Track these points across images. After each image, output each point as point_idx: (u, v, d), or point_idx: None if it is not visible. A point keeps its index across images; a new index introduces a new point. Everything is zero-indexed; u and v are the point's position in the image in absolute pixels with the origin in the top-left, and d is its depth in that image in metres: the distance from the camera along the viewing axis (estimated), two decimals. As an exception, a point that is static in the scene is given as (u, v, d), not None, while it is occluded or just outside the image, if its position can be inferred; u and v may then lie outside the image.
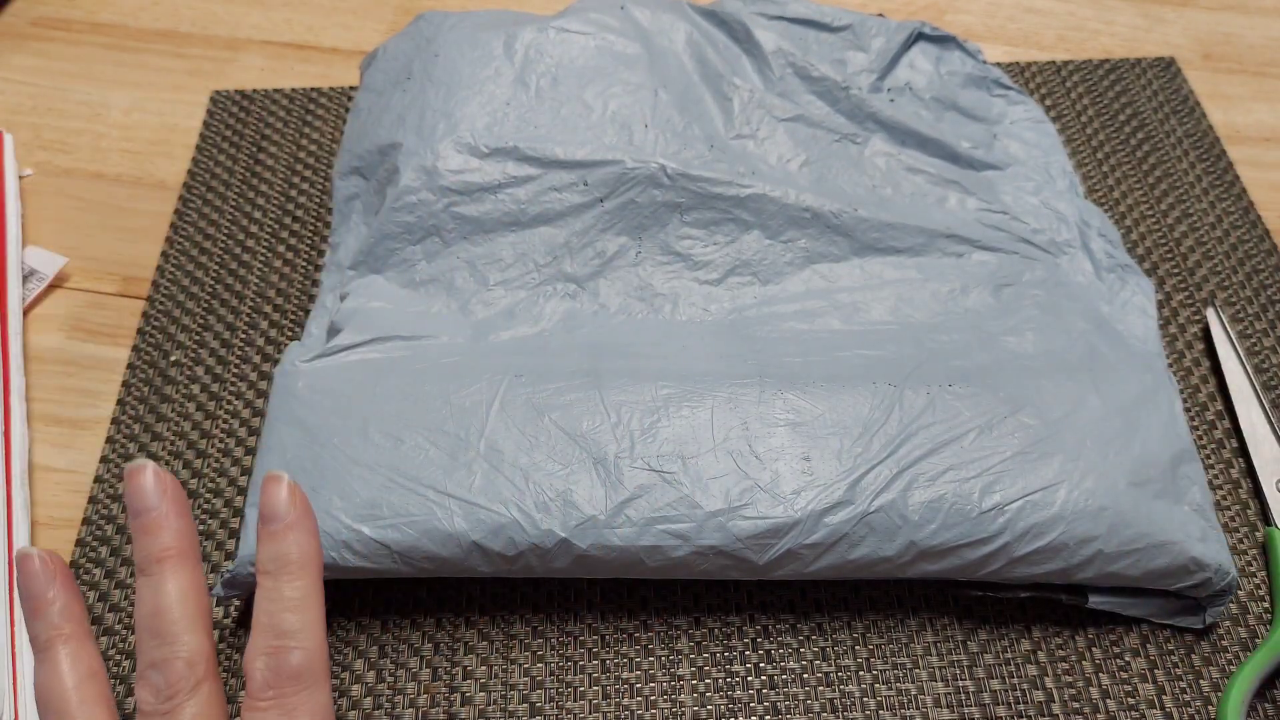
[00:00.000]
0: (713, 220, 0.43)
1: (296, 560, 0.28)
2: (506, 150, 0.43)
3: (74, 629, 0.28)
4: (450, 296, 0.42)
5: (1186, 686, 0.36)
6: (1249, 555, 0.39)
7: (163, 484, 0.28)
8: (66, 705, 0.27)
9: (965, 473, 0.34)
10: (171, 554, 0.28)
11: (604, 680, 0.36)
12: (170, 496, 0.28)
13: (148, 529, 0.28)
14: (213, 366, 0.44)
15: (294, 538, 0.28)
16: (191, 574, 0.28)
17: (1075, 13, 0.59)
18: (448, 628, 0.37)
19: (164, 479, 0.29)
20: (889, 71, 0.49)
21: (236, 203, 0.50)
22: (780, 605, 0.38)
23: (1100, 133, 0.53)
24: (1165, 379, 0.38)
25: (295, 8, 0.59)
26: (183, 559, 0.28)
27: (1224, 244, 0.48)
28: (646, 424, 0.35)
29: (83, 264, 0.48)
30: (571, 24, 0.47)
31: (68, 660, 0.28)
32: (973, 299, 0.42)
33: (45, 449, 0.42)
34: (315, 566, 0.28)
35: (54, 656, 0.28)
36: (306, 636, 0.27)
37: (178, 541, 0.28)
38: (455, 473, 0.34)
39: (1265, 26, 0.58)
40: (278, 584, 0.28)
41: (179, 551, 0.28)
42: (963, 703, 0.36)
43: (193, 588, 0.28)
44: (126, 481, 0.29)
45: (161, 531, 0.28)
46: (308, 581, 0.28)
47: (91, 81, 0.55)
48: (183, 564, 0.28)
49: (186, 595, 0.27)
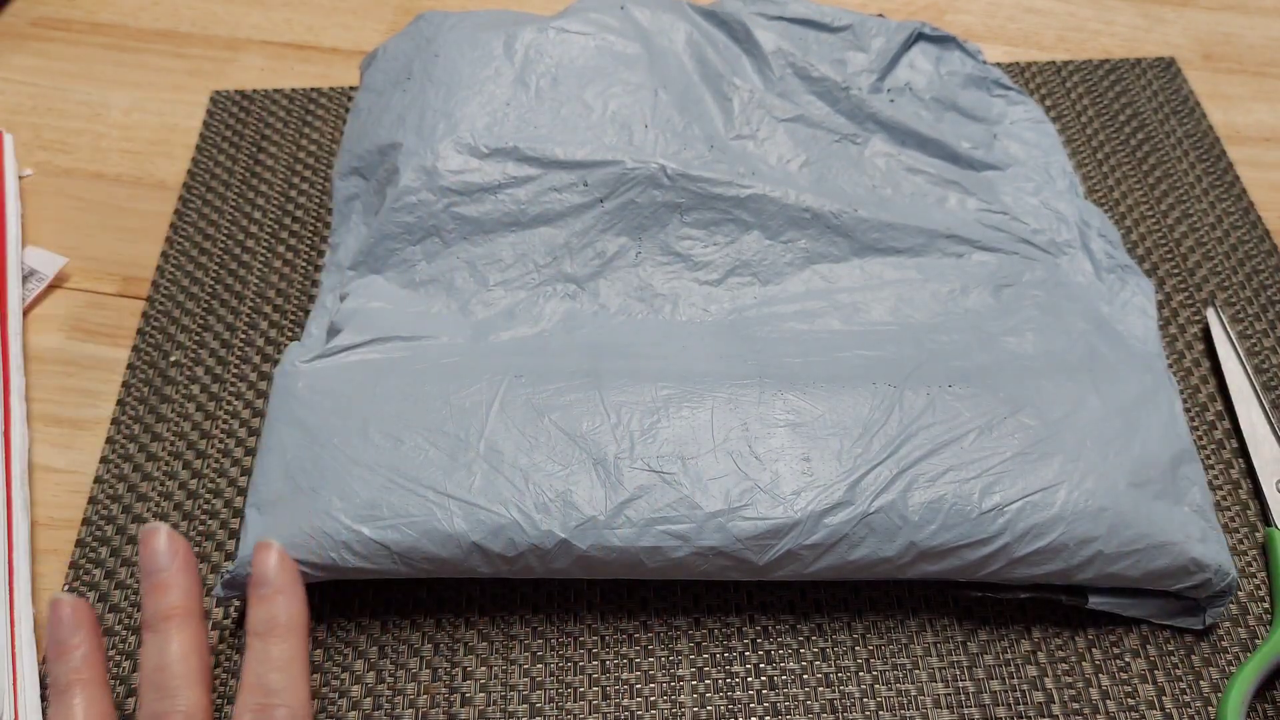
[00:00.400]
0: (713, 221, 0.43)
1: (284, 623, 0.30)
2: (506, 150, 0.43)
3: (92, 675, 0.30)
4: (450, 297, 0.42)
5: (1186, 687, 0.36)
6: (1249, 555, 0.39)
7: (174, 547, 0.31)
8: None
9: (965, 473, 0.34)
10: (178, 613, 0.30)
11: (604, 681, 0.36)
12: (180, 559, 0.31)
13: (157, 589, 0.31)
14: (213, 366, 0.44)
15: (282, 601, 0.31)
16: (195, 632, 0.30)
17: (1075, 13, 0.59)
18: (448, 628, 0.37)
19: (176, 542, 0.31)
20: (889, 72, 0.49)
21: (236, 203, 0.50)
22: (780, 606, 0.38)
23: (1100, 133, 0.53)
24: (1165, 379, 0.38)
25: (295, 8, 0.59)
26: (188, 618, 0.30)
27: (1224, 244, 0.48)
28: (646, 424, 0.35)
29: (83, 264, 0.48)
30: (571, 24, 0.47)
31: (82, 706, 0.30)
32: (973, 299, 0.42)
33: (45, 449, 0.42)
34: (302, 630, 0.31)
35: (69, 700, 0.30)
36: (291, 694, 0.29)
37: (184, 601, 0.30)
38: (455, 473, 0.34)
39: (1265, 26, 0.58)
40: (266, 645, 0.30)
41: (185, 611, 0.30)
42: (963, 703, 0.36)
43: (195, 645, 0.30)
44: (141, 544, 0.31)
45: (170, 591, 0.31)
46: (294, 644, 0.30)
47: (91, 81, 0.55)
48: (187, 623, 0.30)
49: (189, 653, 0.30)
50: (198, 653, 0.30)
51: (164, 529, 0.31)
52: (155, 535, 0.31)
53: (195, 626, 0.30)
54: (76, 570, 0.39)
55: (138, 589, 0.38)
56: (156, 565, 0.31)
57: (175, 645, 0.30)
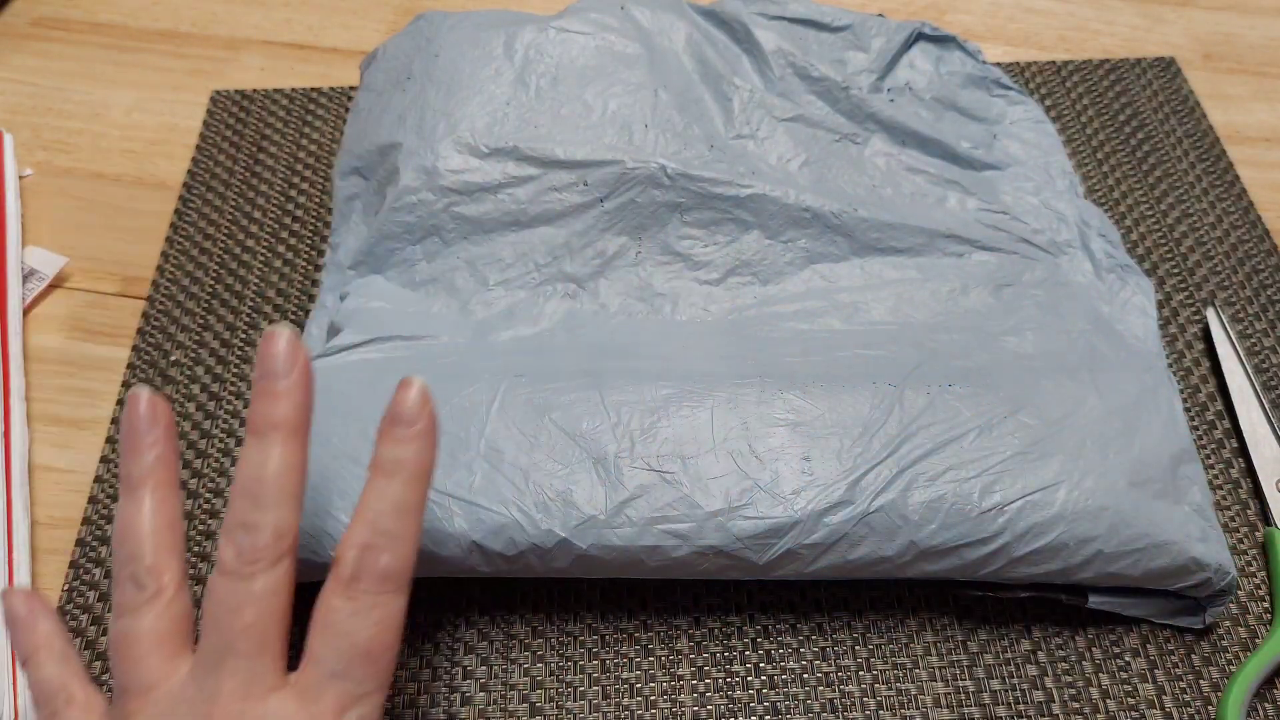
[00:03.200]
0: (713, 220, 0.43)
1: (412, 468, 0.28)
2: (506, 150, 0.43)
3: (166, 476, 0.29)
4: (450, 296, 0.42)
5: (1186, 686, 0.36)
6: (1249, 555, 0.39)
7: (296, 357, 0.28)
8: (141, 547, 0.28)
9: (965, 473, 0.34)
10: (286, 425, 0.28)
11: (604, 680, 0.36)
12: (299, 371, 0.28)
13: (270, 395, 0.28)
14: (213, 366, 0.44)
15: (414, 447, 0.28)
16: (296, 450, 0.28)
17: (1075, 13, 0.59)
18: (448, 628, 0.37)
19: (298, 353, 0.28)
20: (889, 71, 0.49)
21: (236, 203, 0.50)
22: (780, 605, 0.38)
23: (1100, 133, 0.53)
24: (1165, 379, 0.38)
25: (295, 8, 0.59)
26: (294, 433, 0.28)
27: (1224, 244, 0.48)
28: (646, 424, 0.35)
29: (83, 264, 0.48)
30: (571, 24, 0.47)
31: (151, 504, 0.28)
32: (973, 299, 0.42)
33: (45, 449, 0.42)
34: (425, 477, 0.28)
35: (140, 497, 0.28)
36: (400, 544, 0.27)
37: (294, 415, 0.28)
38: (455, 472, 0.34)
39: (1265, 26, 0.58)
40: (388, 483, 0.28)
41: (292, 425, 0.28)
42: (962, 703, 0.36)
43: (295, 464, 0.28)
44: (262, 344, 0.28)
45: (281, 401, 0.28)
46: (416, 492, 0.28)
47: (91, 81, 0.55)
48: (293, 438, 0.28)
49: (290, 469, 0.28)
50: (297, 472, 0.28)
51: (288, 333, 0.28)
52: (277, 337, 0.28)
53: (298, 445, 0.28)
54: (77, 570, 0.39)
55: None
56: (274, 369, 0.28)
57: (276, 458, 0.27)
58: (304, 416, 0.28)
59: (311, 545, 0.34)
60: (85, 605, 0.38)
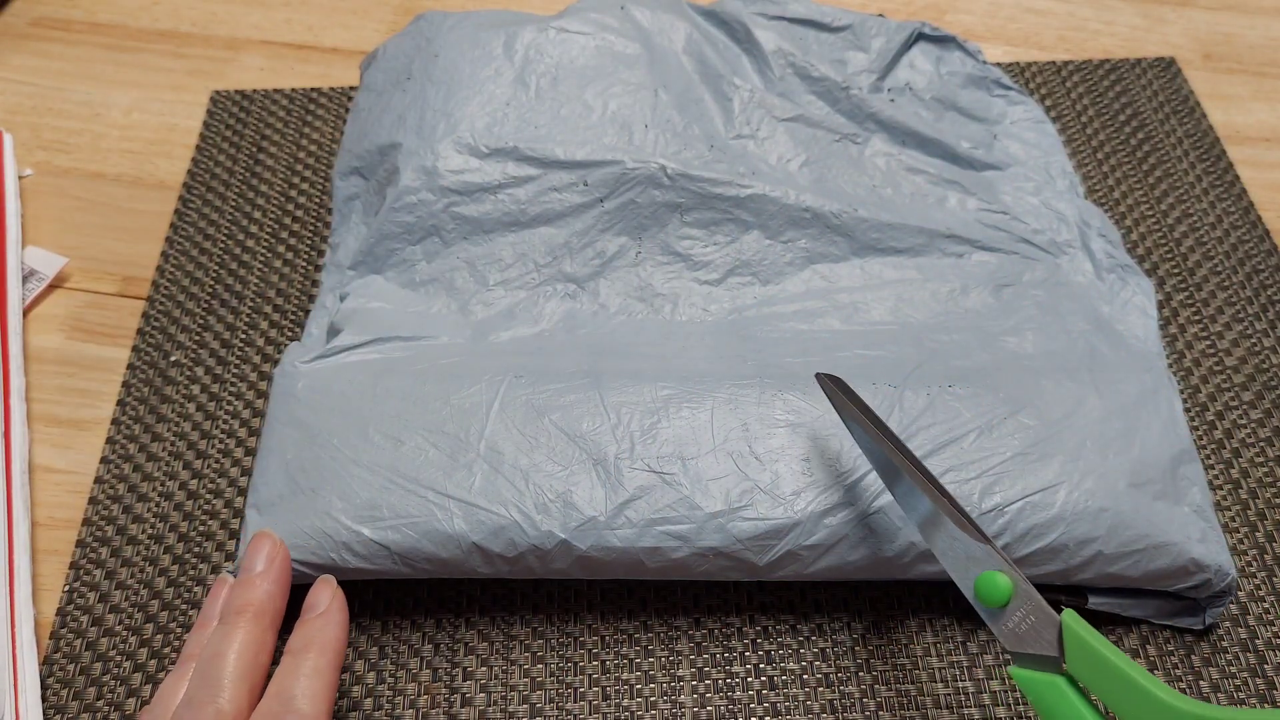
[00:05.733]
0: (713, 220, 0.43)
1: (319, 643, 0.30)
2: (506, 150, 0.43)
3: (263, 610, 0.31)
4: (450, 297, 0.42)
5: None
6: (1249, 555, 0.39)
7: (273, 555, 0.33)
8: (220, 676, 0.29)
9: (965, 474, 0.34)
10: (250, 609, 0.31)
11: (604, 681, 0.36)
12: (277, 567, 0.32)
13: (242, 584, 0.32)
14: (213, 366, 0.44)
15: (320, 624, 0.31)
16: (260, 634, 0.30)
17: (1075, 13, 0.59)
18: (448, 628, 0.37)
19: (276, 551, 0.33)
20: (889, 71, 0.49)
21: (236, 203, 0.50)
22: (780, 606, 0.38)
23: (1100, 133, 0.53)
24: (1165, 379, 0.38)
25: (295, 8, 0.59)
26: (259, 617, 0.31)
27: (1224, 244, 0.48)
28: (646, 425, 0.35)
29: (83, 264, 0.48)
30: (571, 24, 0.47)
31: (244, 637, 0.30)
32: (973, 299, 0.42)
33: (45, 449, 0.42)
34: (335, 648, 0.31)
35: (235, 627, 0.30)
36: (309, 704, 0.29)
37: (266, 603, 0.31)
38: (455, 474, 0.34)
39: (1265, 26, 0.58)
40: (297, 660, 0.30)
41: (259, 611, 0.31)
42: (962, 703, 0.36)
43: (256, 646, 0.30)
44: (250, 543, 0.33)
45: (256, 588, 0.31)
46: (325, 659, 0.30)
47: (91, 81, 0.55)
48: (257, 622, 0.30)
49: (246, 651, 0.30)
50: (254, 653, 0.30)
51: (274, 537, 0.33)
52: (264, 538, 0.33)
53: (263, 628, 0.30)
54: (77, 570, 0.39)
55: (138, 589, 0.38)
56: (253, 565, 0.32)
57: (237, 639, 0.30)
58: (273, 605, 0.31)
59: (312, 547, 0.34)
60: (85, 606, 0.38)
